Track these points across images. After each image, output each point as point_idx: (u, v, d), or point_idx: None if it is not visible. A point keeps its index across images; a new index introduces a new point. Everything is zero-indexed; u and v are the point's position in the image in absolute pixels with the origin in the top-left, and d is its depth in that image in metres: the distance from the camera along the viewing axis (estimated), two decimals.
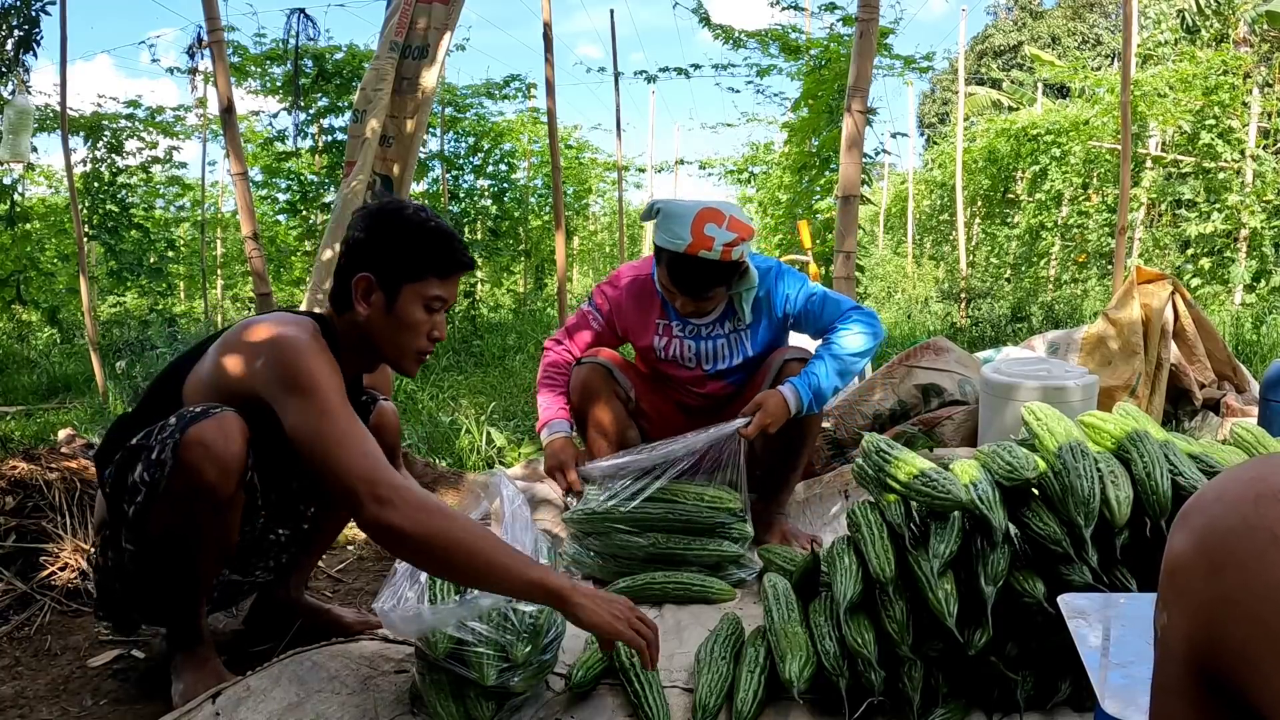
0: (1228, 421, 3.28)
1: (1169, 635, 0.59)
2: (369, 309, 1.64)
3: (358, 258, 1.64)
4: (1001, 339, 6.52)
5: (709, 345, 2.49)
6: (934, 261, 13.39)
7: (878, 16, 3.31)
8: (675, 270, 2.27)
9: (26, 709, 1.69)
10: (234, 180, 3.53)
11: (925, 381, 3.40)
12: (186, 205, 10.47)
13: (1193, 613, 0.56)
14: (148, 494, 1.52)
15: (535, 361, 5.99)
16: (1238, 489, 0.56)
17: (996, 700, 1.55)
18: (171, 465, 1.48)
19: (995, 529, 1.48)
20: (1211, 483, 0.60)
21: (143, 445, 1.53)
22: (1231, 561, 0.53)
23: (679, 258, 2.23)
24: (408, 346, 1.68)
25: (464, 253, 1.69)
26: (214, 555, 1.61)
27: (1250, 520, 0.53)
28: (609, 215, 15.44)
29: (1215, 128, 8.05)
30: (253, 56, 6.90)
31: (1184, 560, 0.58)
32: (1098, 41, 24.90)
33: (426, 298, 1.65)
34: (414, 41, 3.47)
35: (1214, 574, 0.55)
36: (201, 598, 1.68)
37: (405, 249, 1.63)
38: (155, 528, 1.54)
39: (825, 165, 6.63)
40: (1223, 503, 0.56)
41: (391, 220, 1.64)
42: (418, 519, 1.38)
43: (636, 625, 1.46)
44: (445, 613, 1.51)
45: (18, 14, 4.58)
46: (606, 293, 2.54)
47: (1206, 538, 0.56)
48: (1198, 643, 0.56)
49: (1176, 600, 0.58)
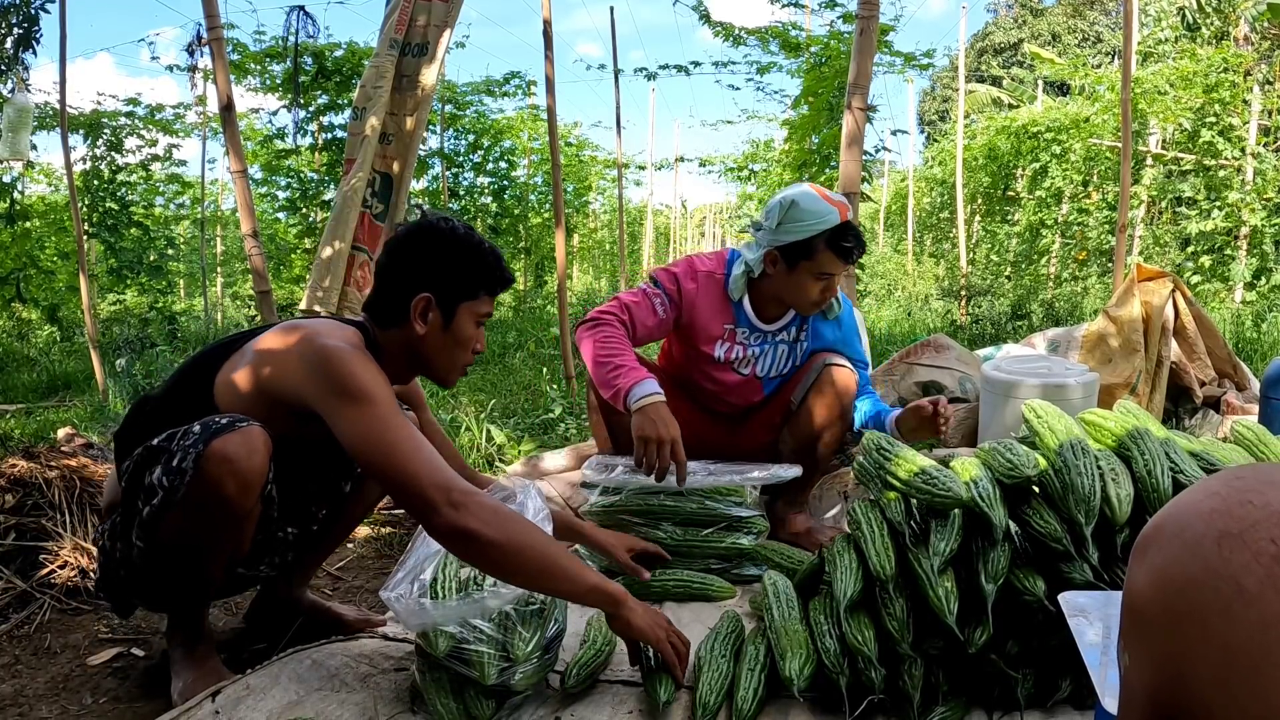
0: (1228, 419, 3.28)
1: (1131, 679, 0.55)
2: (425, 327, 1.68)
3: (415, 277, 1.66)
4: (1002, 336, 6.51)
5: (772, 351, 2.45)
6: (934, 259, 13.39)
7: (878, 13, 3.30)
8: (838, 242, 2.24)
9: (26, 707, 1.69)
10: (234, 178, 3.53)
11: (926, 379, 3.40)
12: (186, 203, 10.47)
13: (1154, 664, 0.51)
14: (164, 499, 1.51)
15: (535, 359, 6.00)
16: (1199, 526, 0.50)
17: (997, 698, 1.55)
18: (192, 475, 1.47)
19: (996, 527, 1.48)
20: (1173, 506, 0.54)
21: (164, 448, 1.53)
22: (1192, 615, 0.48)
23: (840, 228, 2.23)
24: (459, 361, 1.74)
25: (508, 269, 1.77)
26: (223, 562, 1.62)
27: (1213, 567, 0.48)
28: (609, 213, 15.43)
29: (1216, 125, 8.05)
30: (252, 54, 6.90)
31: (1143, 602, 0.52)
32: (1098, 39, 24.88)
33: (479, 315, 1.71)
34: (414, 39, 3.46)
35: (1174, 626, 0.49)
36: (207, 600, 1.69)
37: (463, 270, 1.68)
38: (168, 532, 1.54)
39: (825, 162, 6.62)
40: (1183, 541, 0.51)
41: (446, 241, 1.68)
42: (493, 523, 1.42)
43: (674, 640, 1.58)
44: (450, 609, 1.51)
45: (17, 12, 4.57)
46: (680, 281, 2.37)
47: (1166, 584, 0.50)
48: (1162, 696, 0.51)
49: (1138, 645, 0.53)
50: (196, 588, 1.64)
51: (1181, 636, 0.49)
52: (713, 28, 7.29)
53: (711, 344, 2.41)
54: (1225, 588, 0.47)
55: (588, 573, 1.51)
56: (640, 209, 17.94)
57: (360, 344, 1.62)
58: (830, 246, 2.23)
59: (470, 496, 1.43)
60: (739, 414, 2.54)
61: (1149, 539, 0.54)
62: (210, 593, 1.69)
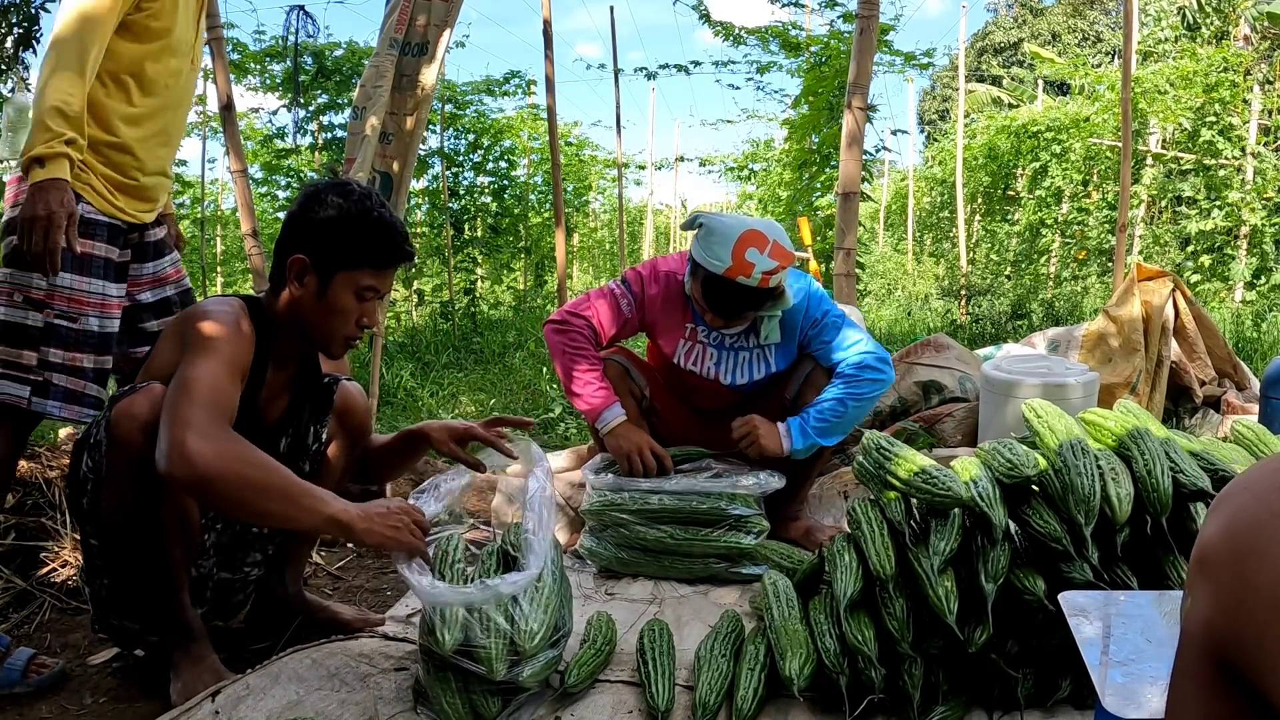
0: (1228, 419, 3.28)
1: (1190, 621, 0.60)
2: (300, 290, 1.64)
3: (294, 238, 1.63)
4: (1002, 336, 6.51)
5: (731, 357, 2.44)
6: (934, 258, 13.38)
7: (878, 13, 3.30)
8: (710, 290, 2.23)
9: (26, 706, 1.69)
10: (233, 177, 3.53)
11: (926, 378, 3.40)
12: (186, 202, 10.46)
13: (1214, 599, 0.57)
14: (95, 481, 1.53)
15: (535, 359, 6.00)
16: (1265, 478, 0.57)
17: (997, 698, 1.55)
18: (107, 444, 1.50)
19: (995, 526, 1.48)
20: (1244, 472, 0.61)
21: (84, 439, 1.56)
22: (1255, 550, 0.54)
23: (715, 279, 2.19)
24: (335, 332, 1.68)
25: (404, 244, 1.68)
26: (176, 533, 1.58)
27: (1275, 509, 0.54)
28: (609, 212, 15.43)
29: (1216, 125, 8.04)
30: (252, 53, 6.89)
31: (1211, 548, 0.58)
32: (1098, 38, 24.87)
33: (359, 286, 1.64)
34: (414, 38, 3.46)
35: (1237, 562, 0.55)
36: (177, 583, 1.63)
37: (343, 235, 1.61)
38: (108, 511, 1.54)
39: (825, 162, 6.63)
40: (1250, 491, 0.57)
41: (333, 204, 1.62)
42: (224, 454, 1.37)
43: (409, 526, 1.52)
44: (466, 593, 1.51)
45: (17, 11, 4.57)
46: (643, 279, 2.44)
47: (1232, 526, 0.56)
48: (1217, 629, 0.56)
49: (1201, 586, 0.58)
50: (162, 571, 1.60)
51: (1243, 570, 0.54)
52: (713, 27, 7.30)
53: (673, 344, 2.46)
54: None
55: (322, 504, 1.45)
56: (640, 209, 17.93)
57: (238, 309, 1.61)
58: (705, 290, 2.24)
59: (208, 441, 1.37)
60: (727, 410, 2.54)
61: (1223, 497, 0.60)
62: (179, 574, 1.63)
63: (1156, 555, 1.52)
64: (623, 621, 1.92)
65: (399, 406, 4.60)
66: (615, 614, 1.91)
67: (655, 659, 1.63)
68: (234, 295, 1.72)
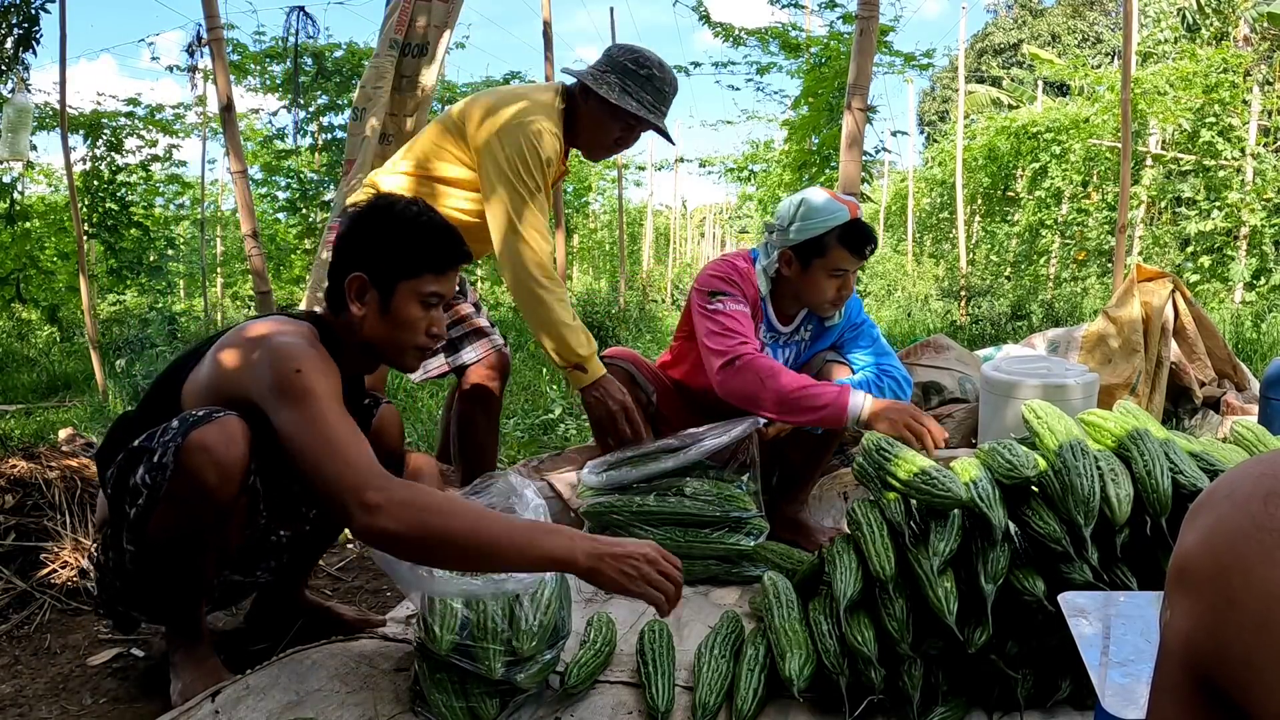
0: (1228, 419, 3.28)
1: (1170, 633, 0.57)
2: (363, 309, 1.62)
3: (349, 258, 1.62)
4: (1002, 337, 6.51)
5: (784, 352, 2.53)
6: (934, 259, 13.39)
7: (878, 14, 3.30)
8: (851, 237, 2.29)
9: (26, 707, 1.69)
10: (234, 178, 3.53)
11: (925, 379, 3.40)
12: (186, 203, 10.48)
13: (1195, 614, 0.54)
14: (149, 496, 1.51)
15: (535, 360, 5.99)
16: (1247, 486, 0.54)
17: (997, 699, 1.55)
18: (173, 469, 1.47)
19: (995, 527, 1.48)
20: (1223, 477, 0.58)
21: (145, 447, 1.52)
22: (1238, 564, 0.51)
23: (850, 225, 2.28)
24: (407, 344, 1.66)
25: (460, 246, 1.66)
26: (214, 557, 1.61)
27: (1259, 520, 0.51)
28: (609, 213, 15.43)
29: (1215, 125, 8.05)
30: (252, 54, 6.90)
31: (1190, 559, 0.55)
32: (1098, 39, 24.88)
33: (422, 294, 1.63)
34: (414, 39, 3.46)
35: (1220, 576, 0.52)
36: (201, 598, 1.67)
37: (398, 245, 1.60)
38: (156, 530, 1.53)
39: (825, 163, 6.63)
40: (1231, 500, 0.54)
41: (383, 217, 1.62)
42: (408, 519, 1.36)
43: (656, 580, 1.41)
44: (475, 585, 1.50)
45: (17, 12, 4.57)
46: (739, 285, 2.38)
47: (1213, 537, 0.54)
48: (1198, 645, 0.54)
49: (1181, 599, 0.56)
50: (190, 586, 1.63)
51: (1226, 585, 0.52)
52: (713, 28, 7.30)
53: None
54: (1269, 539, 0.50)
55: (537, 542, 1.39)
56: (640, 209, 17.92)
57: (311, 338, 1.57)
58: (842, 242, 2.29)
59: (386, 494, 1.36)
60: (741, 411, 2.54)
61: (1201, 504, 0.57)
62: (205, 591, 1.67)
63: (1156, 556, 1.52)
64: (623, 622, 1.92)
65: (399, 407, 4.60)
66: (615, 615, 1.91)
67: (655, 660, 1.63)
68: (290, 316, 1.68)
